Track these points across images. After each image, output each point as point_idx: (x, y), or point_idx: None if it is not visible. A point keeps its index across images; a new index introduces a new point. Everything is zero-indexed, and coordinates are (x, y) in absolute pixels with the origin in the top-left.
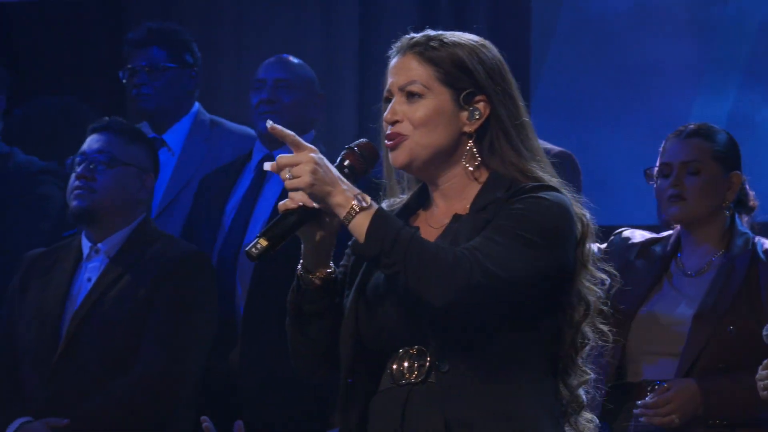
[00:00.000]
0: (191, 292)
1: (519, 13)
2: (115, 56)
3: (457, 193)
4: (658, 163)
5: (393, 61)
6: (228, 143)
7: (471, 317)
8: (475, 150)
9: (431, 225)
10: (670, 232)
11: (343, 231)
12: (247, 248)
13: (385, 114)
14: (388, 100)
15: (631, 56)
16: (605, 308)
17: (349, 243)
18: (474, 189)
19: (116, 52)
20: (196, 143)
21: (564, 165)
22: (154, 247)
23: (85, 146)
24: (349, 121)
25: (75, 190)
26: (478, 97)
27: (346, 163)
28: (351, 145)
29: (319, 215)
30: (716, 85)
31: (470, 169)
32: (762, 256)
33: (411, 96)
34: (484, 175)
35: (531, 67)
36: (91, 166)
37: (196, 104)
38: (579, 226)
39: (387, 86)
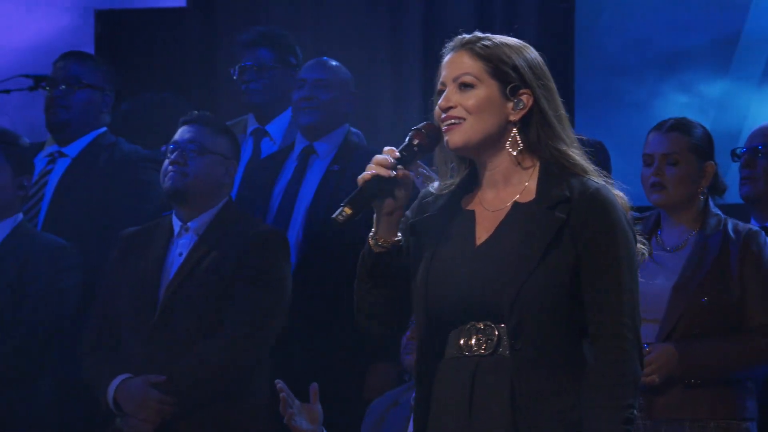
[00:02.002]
0: (270, 266)
1: (564, 17)
2: (208, 57)
3: (506, 179)
4: (642, 154)
5: (447, 58)
6: None
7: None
8: (518, 137)
9: (487, 208)
10: (651, 212)
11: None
12: (333, 215)
13: (440, 102)
14: (441, 92)
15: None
16: None
17: (405, 220)
18: (522, 176)
19: (208, 54)
20: (294, 134)
21: (596, 152)
22: (237, 226)
23: (177, 136)
24: (414, 117)
25: (169, 173)
26: (522, 90)
27: (416, 142)
28: (417, 126)
29: (392, 188)
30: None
31: (514, 154)
32: (732, 235)
33: (464, 86)
34: (529, 162)
35: (576, 64)
36: (183, 154)
37: None
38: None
39: (440, 79)
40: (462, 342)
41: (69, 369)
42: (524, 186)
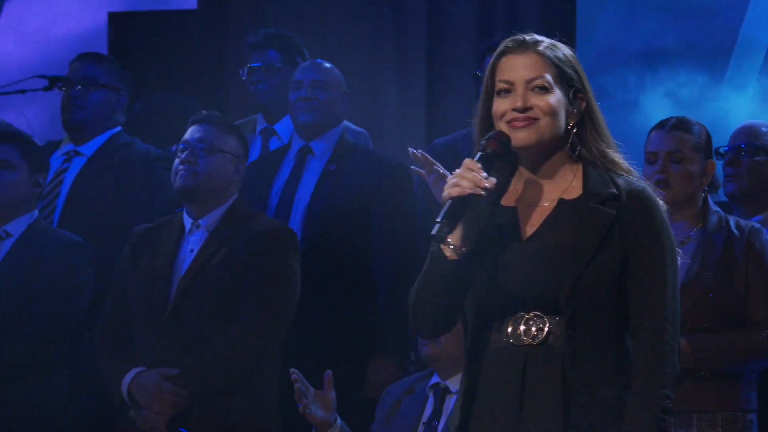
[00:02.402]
0: (280, 261)
1: (564, 19)
2: (218, 58)
3: (551, 177)
4: (644, 152)
5: (510, 58)
6: None
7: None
8: (576, 140)
9: (529, 204)
10: None
11: None
12: (433, 233)
13: (517, 102)
14: (504, 91)
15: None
16: None
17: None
18: (568, 174)
19: (218, 55)
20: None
21: None
22: (247, 223)
23: (187, 135)
24: (419, 116)
25: (180, 171)
26: (580, 95)
27: (490, 151)
28: (488, 135)
29: (478, 199)
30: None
31: (567, 155)
32: (736, 232)
33: (538, 89)
34: (574, 164)
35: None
36: (193, 153)
37: None
38: None
39: (504, 78)
40: (510, 332)
41: (83, 362)
42: (569, 184)
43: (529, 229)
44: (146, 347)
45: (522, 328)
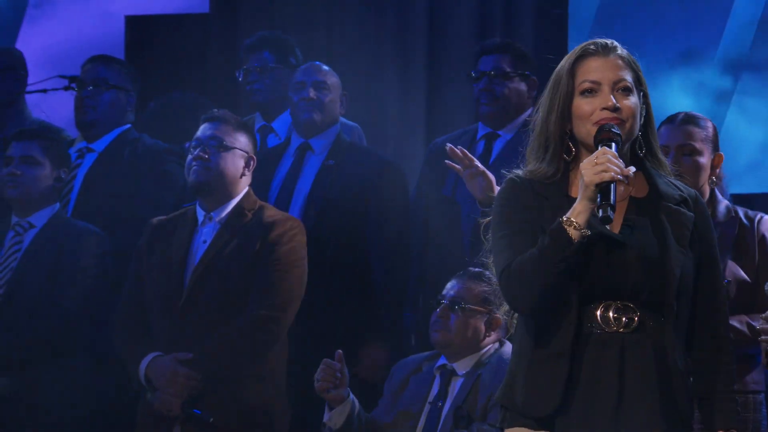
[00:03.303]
0: (289, 251)
1: (557, 24)
2: (229, 59)
3: None
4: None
5: (595, 60)
6: None
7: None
8: (642, 141)
9: None
10: None
11: None
12: (602, 216)
13: (607, 102)
14: (589, 90)
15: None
16: None
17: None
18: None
19: (229, 56)
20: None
21: None
22: (257, 215)
23: (199, 133)
24: (419, 114)
25: (193, 167)
26: (645, 98)
27: (614, 140)
28: (602, 127)
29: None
30: None
31: (641, 154)
32: (745, 222)
33: (623, 90)
34: (632, 160)
35: None
36: (206, 149)
37: None
38: None
39: (590, 78)
40: (599, 318)
41: (102, 347)
42: (637, 183)
43: (612, 224)
44: (162, 333)
45: (612, 315)
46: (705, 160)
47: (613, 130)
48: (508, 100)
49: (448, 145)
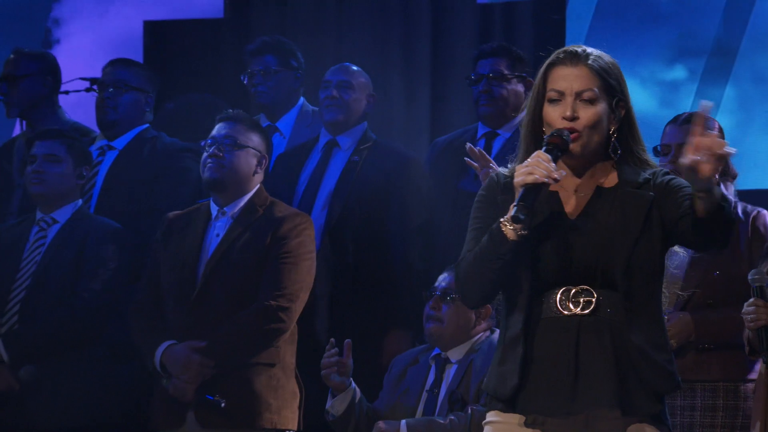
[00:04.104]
0: (298, 244)
1: (556, 29)
2: (242, 62)
3: (592, 170)
4: (660, 144)
5: (562, 68)
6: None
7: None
8: (617, 144)
9: (568, 189)
10: None
11: None
12: (518, 216)
13: (566, 112)
14: (555, 100)
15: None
16: None
17: (482, 197)
18: (605, 169)
19: (243, 59)
20: (302, 129)
21: None
22: (268, 210)
23: (214, 132)
24: (423, 115)
25: (208, 164)
26: (620, 103)
27: (555, 144)
28: (552, 132)
29: (546, 187)
30: None
31: (611, 154)
32: (741, 216)
33: (586, 101)
34: (610, 161)
35: None
36: (220, 147)
37: (301, 98)
38: None
39: (556, 87)
40: (559, 303)
41: (120, 336)
42: (606, 177)
43: (573, 212)
44: (176, 322)
45: (572, 299)
46: None
47: (562, 136)
48: (506, 100)
49: (468, 144)
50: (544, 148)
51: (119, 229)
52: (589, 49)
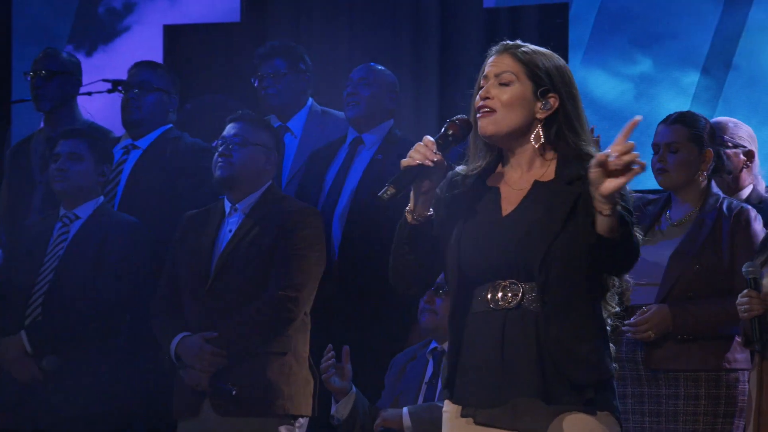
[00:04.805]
0: (306, 238)
1: (558, 32)
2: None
3: (528, 164)
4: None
5: (491, 58)
6: (335, 127)
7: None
8: (542, 132)
9: (510, 186)
10: (662, 194)
11: None
12: (379, 194)
13: (480, 92)
14: (482, 87)
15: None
16: None
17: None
18: (543, 163)
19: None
20: (312, 128)
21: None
22: (278, 206)
23: (224, 132)
24: (432, 113)
25: (218, 163)
26: (550, 94)
27: (450, 132)
28: (453, 118)
29: (429, 171)
30: None
31: (536, 146)
32: (726, 211)
33: (502, 83)
34: (550, 154)
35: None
36: (229, 146)
37: (310, 99)
38: None
39: (482, 75)
40: (489, 297)
41: (140, 328)
42: (545, 171)
43: (508, 207)
44: (192, 314)
45: (500, 294)
46: (691, 156)
47: (455, 122)
48: None
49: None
50: (438, 135)
51: (139, 225)
52: (525, 44)
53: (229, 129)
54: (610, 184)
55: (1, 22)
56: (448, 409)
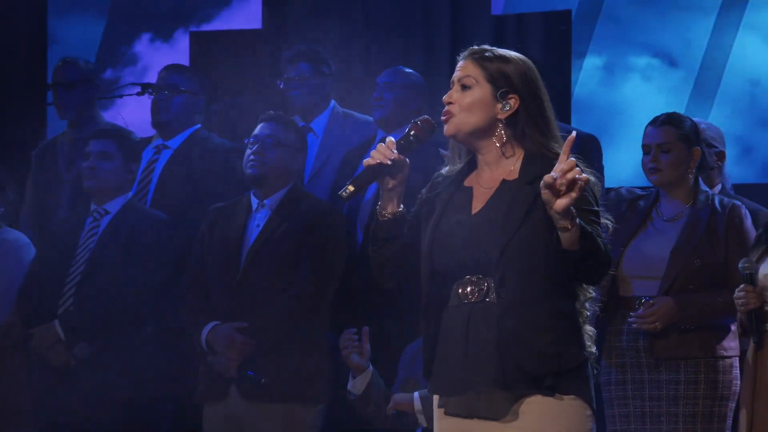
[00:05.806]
0: (331, 235)
1: (562, 38)
2: (279, 69)
3: (495, 163)
4: (641, 144)
5: (460, 63)
6: (355, 129)
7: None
8: (504, 132)
9: (482, 185)
10: (650, 190)
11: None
12: (339, 192)
13: (444, 97)
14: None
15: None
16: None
17: (421, 196)
18: (509, 162)
19: (279, 66)
20: (334, 129)
21: (589, 146)
22: (304, 204)
23: (257, 131)
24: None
25: (250, 161)
26: (510, 95)
27: (413, 133)
28: (415, 120)
29: (391, 170)
30: None
31: (498, 145)
32: (719, 208)
33: (464, 87)
34: (517, 153)
35: (573, 73)
36: (263, 146)
37: (332, 101)
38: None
39: (452, 80)
40: (460, 292)
41: (167, 319)
42: (511, 169)
43: (478, 206)
44: (220, 305)
45: (468, 288)
46: (682, 155)
47: (418, 123)
48: None
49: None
50: (399, 136)
51: (165, 219)
52: (487, 47)
53: (263, 128)
54: (561, 202)
55: (37, 27)
56: (434, 399)
